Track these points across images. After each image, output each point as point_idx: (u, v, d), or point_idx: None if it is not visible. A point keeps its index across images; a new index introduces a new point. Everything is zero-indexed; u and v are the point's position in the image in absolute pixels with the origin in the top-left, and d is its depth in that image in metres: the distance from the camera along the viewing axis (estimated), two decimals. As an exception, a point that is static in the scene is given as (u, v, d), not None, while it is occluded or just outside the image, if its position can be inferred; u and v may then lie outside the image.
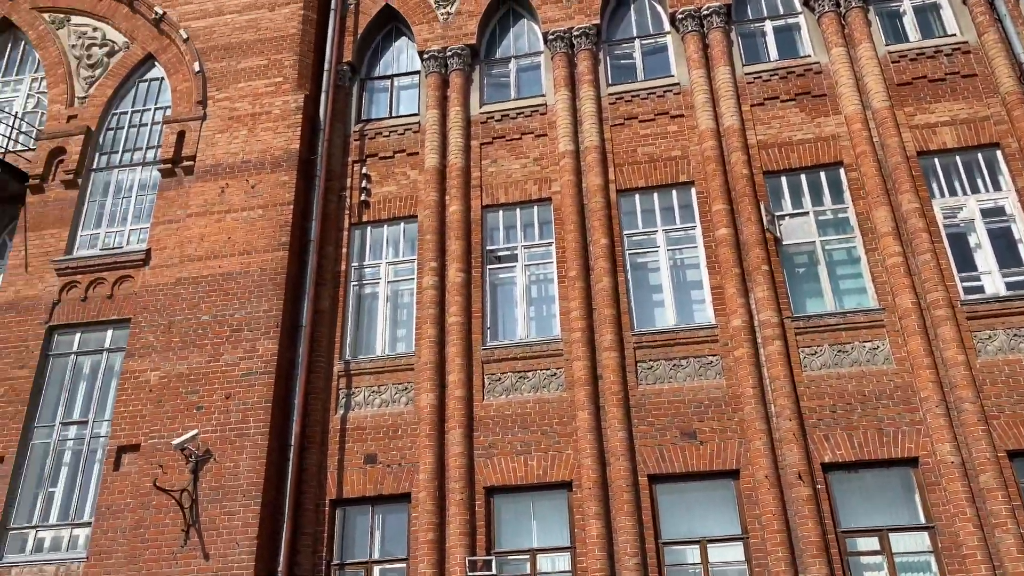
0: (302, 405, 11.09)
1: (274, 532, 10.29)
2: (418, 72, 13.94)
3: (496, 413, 10.89)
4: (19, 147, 13.98)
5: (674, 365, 10.71)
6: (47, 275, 12.54)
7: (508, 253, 12.19)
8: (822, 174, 11.67)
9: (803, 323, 10.59)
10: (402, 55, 14.46)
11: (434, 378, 11.13)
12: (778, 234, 11.20)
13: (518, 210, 12.39)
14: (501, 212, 12.45)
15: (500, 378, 11.13)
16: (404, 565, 10.26)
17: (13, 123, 14.28)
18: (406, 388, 11.33)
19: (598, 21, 13.27)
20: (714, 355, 10.67)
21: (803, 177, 11.70)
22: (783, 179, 11.74)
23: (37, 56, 14.94)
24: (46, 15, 15.16)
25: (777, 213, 11.45)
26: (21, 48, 15.37)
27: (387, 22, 14.58)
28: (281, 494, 10.50)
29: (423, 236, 12.23)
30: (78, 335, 12.22)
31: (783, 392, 10.12)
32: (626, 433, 10.30)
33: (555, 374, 10.99)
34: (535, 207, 12.34)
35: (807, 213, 11.47)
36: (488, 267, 12.05)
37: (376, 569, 10.42)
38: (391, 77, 14.17)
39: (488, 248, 12.20)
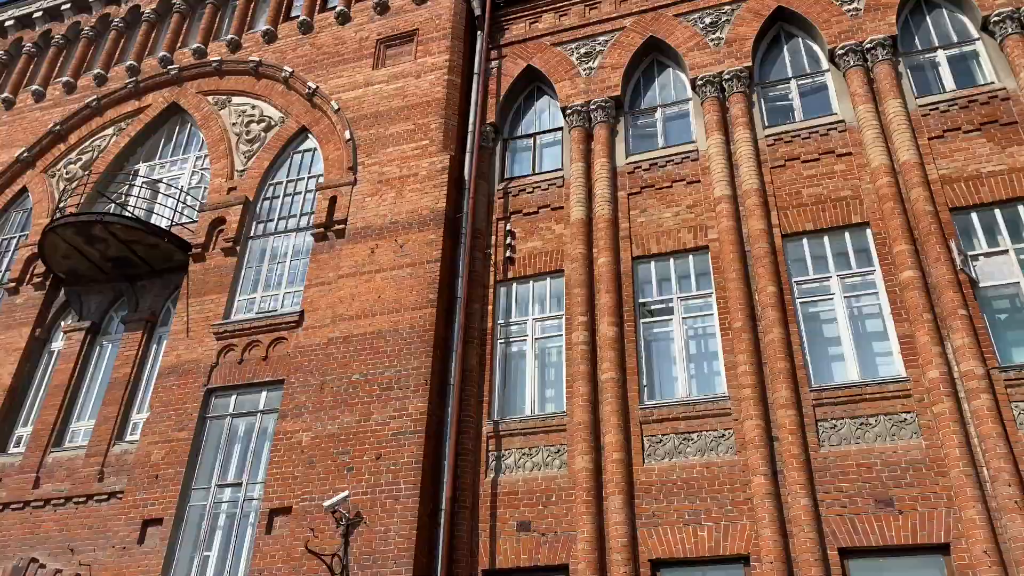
0: (452, 467, 10.61)
1: (426, 603, 9.75)
2: (560, 128, 13.79)
3: (658, 478, 10.02)
4: (184, 219, 14.73)
5: (861, 424, 9.54)
6: (206, 339, 12.88)
7: (663, 306, 11.48)
8: (1020, 208, 10.40)
9: (1014, 374, 9.23)
10: (543, 114, 14.39)
11: (588, 440, 10.44)
12: (973, 275, 9.96)
13: (671, 260, 11.72)
14: (653, 263, 11.81)
15: (661, 440, 10.29)
16: (565, 644, 9.44)
17: (179, 197, 15.11)
18: (558, 450, 10.67)
19: (749, 63, 12.71)
20: (908, 412, 9.43)
21: (997, 212, 10.47)
22: (973, 215, 10.55)
23: (201, 135, 15.91)
24: (209, 98, 16.21)
25: (969, 252, 10.23)
26: (187, 129, 16.46)
27: (528, 83, 14.64)
28: (433, 562, 9.95)
29: (571, 290, 11.74)
30: (234, 397, 12.37)
31: (997, 453, 8.75)
32: (810, 500, 9.16)
33: (723, 435, 10.04)
34: (690, 256, 11.63)
35: (1006, 251, 10.19)
36: (641, 321, 11.37)
37: (534, 648, 9.64)
38: (533, 135, 14.07)
39: (640, 301, 11.55)
